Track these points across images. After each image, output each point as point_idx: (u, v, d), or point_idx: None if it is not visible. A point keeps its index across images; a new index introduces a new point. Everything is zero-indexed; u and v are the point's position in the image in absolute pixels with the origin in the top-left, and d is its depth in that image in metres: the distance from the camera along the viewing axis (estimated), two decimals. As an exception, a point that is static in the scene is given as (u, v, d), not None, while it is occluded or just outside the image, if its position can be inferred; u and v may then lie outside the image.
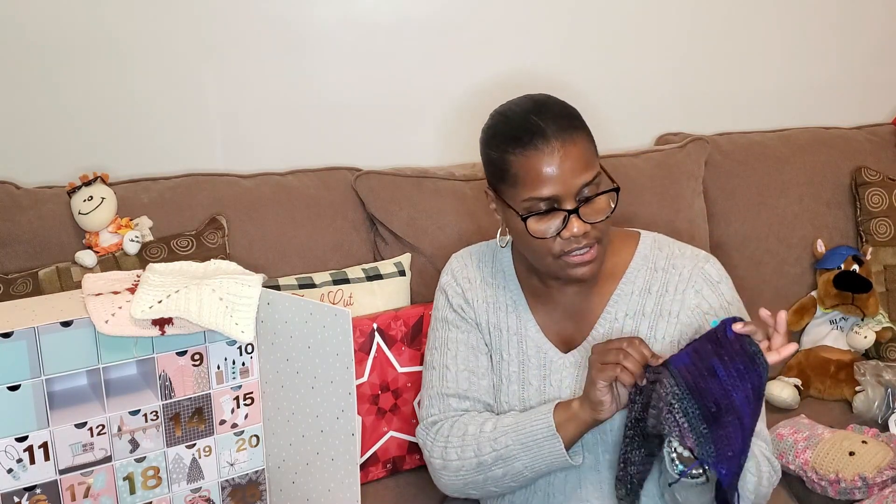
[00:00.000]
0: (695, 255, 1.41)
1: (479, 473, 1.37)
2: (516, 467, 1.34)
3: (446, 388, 1.44)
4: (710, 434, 1.14)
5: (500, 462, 1.34)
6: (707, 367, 1.16)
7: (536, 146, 1.26)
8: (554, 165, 1.25)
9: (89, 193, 1.78)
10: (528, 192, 1.27)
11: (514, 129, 1.29)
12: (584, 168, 1.27)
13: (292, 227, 1.93)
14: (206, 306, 1.40)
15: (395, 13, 2.14)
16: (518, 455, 1.33)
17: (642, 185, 2.09)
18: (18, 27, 1.89)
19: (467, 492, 1.42)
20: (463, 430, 1.39)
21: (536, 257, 1.34)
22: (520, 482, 1.37)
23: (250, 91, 2.07)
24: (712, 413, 1.14)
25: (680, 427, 1.15)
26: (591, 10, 2.28)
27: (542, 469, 1.33)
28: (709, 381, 1.15)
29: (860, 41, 2.57)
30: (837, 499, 1.74)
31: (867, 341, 2.13)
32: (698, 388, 1.15)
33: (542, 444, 1.31)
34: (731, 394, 1.14)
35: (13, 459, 1.34)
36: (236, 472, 1.53)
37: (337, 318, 1.38)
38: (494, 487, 1.38)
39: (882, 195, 2.24)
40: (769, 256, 2.21)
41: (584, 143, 1.28)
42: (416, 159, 2.17)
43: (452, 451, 1.39)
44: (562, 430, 1.29)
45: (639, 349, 1.21)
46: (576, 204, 1.27)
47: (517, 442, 1.33)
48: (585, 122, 1.32)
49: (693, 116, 2.41)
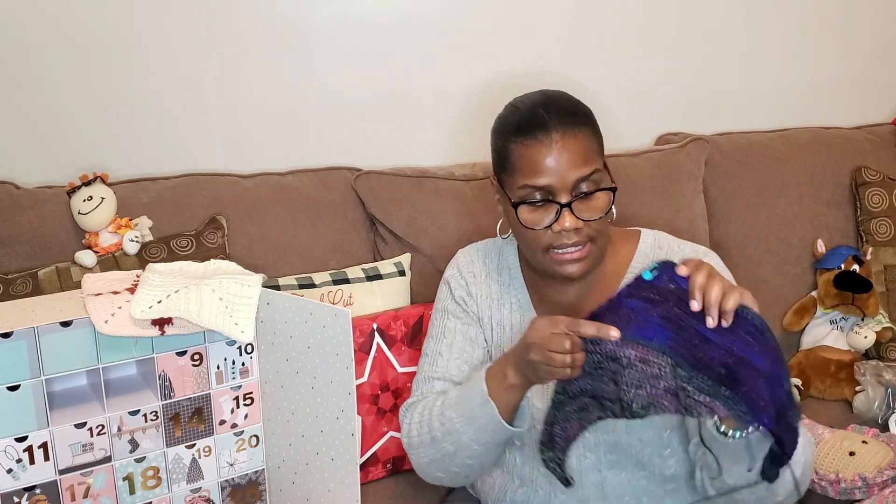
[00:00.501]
0: (694, 251, 1.42)
1: (437, 451, 1.35)
2: (463, 441, 1.31)
3: (435, 372, 1.44)
4: (734, 395, 1.11)
5: (448, 437, 1.33)
6: (696, 336, 1.12)
7: (536, 136, 1.28)
8: (551, 156, 1.27)
9: (89, 193, 1.78)
10: (524, 179, 1.29)
11: (519, 120, 1.32)
12: (581, 162, 1.27)
13: (292, 227, 1.93)
14: (205, 306, 1.40)
15: (395, 13, 2.14)
16: (461, 428, 1.31)
17: (642, 185, 2.09)
18: (18, 27, 1.89)
19: (434, 473, 1.40)
20: (429, 407, 1.38)
21: (528, 250, 1.35)
22: (476, 459, 1.34)
23: (250, 91, 2.07)
24: (724, 375, 1.11)
25: (705, 404, 1.12)
26: (591, 9, 2.29)
27: (488, 441, 1.30)
28: (704, 348, 1.12)
29: (860, 41, 2.57)
30: (837, 499, 1.74)
31: (867, 341, 2.13)
32: (700, 361, 1.12)
33: (478, 412, 1.28)
34: (731, 348, 1.11)
35: (13, 459, 1.34)
36: (236, 473, 1.53)
37: (337, 318, 1.38)
38: (455, 467, 1.36)
39: (882, 195, 2.24)
40: (769, 256, 2.21)
41: (585, 138, 1.29)
42: (416, 159, 2.17)
43: (414, 428, 1.39)
44: (497, 397, 1.27)
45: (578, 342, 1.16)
46: (570, 198, 1.28)
47: (459, 414, 1.31)
48: (594, 120, 1.33)
49: (693, 116, 2.41)
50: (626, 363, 1.15)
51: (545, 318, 1.20)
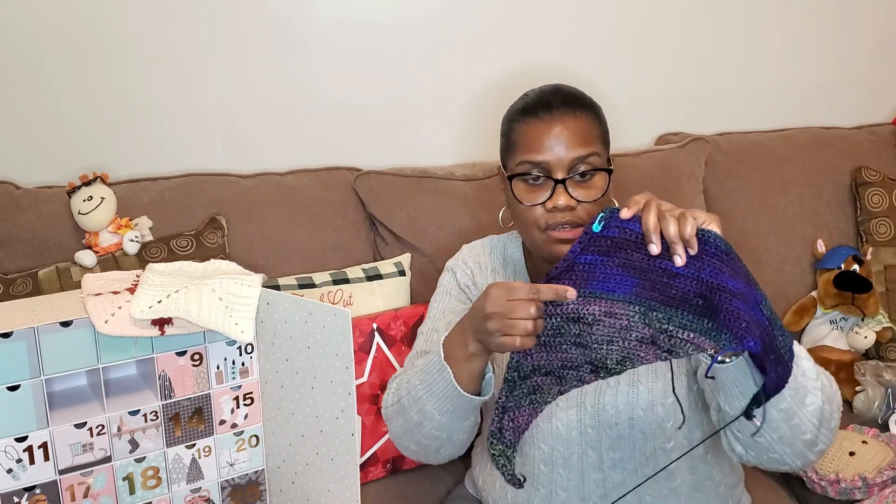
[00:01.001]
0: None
1: (406, 421, 1.33)
2: (427, 410, 1.29)
3: (428, 346, 1.44)
4: (715, 324, 1.06)
5: (414, 406, 1.30)
6: (663, 273, 1.08)
7: (539, 115, 1.33)
8: (549, 134, 1.31)
9: (89, 193, 1.78)
10: (523, 156, 1.33)
11: (526, 103, 1.37)
12: (579, 142, 1.31)
13: (292, 227, 1.93)
14: (205, 306, 1.40)
15: (395, 13, 2.14)
16: (425, 397, 1.28)
17: (642, 185, 2.09)
18: (18, 28, 1.89)
19: (407, 445, 1.37)
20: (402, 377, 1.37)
21: (524, 228, 1.36)
22: (443, 431, 1.30)
23: (250, 91, 2.07)
24: (702, 306, 1.07)
25: (689, 340, 1.08)
26: (591, 10, 2.29)
27: (449, 409, 1.27)
28: (675, 284, 1.07)
29: (860, 41, 2.57)
30: (837, 499, 1.74)
31: (867, 341, 2.13)
32: (674, 297, 1.08)
33: (437, 379, 1.26)
34: (701, 276, 1.06)
35: (13, 459, 1.34)
36: (236, 473, 1.53)
37: (337, 318, 1.38)
38: (424, 439, 1.33)
39: (882, 195, 2.24)
40: (769, 256, 2.22)
41: (586, 121, 1.34)
42: (416, 159, 2.17)
43: (390, 398, 1.38)
44: (455, 364, 1.24)
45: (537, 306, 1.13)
46: (566, 175, 1.30)
47: (422, 381, 1.29)
48: (599, 112, 1.38)
49: (693, 116, 2.41)
50: (591, 320, 1.11)
51: (500, 286, 1.16)
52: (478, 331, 1.19)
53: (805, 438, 1.17)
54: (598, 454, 1.37)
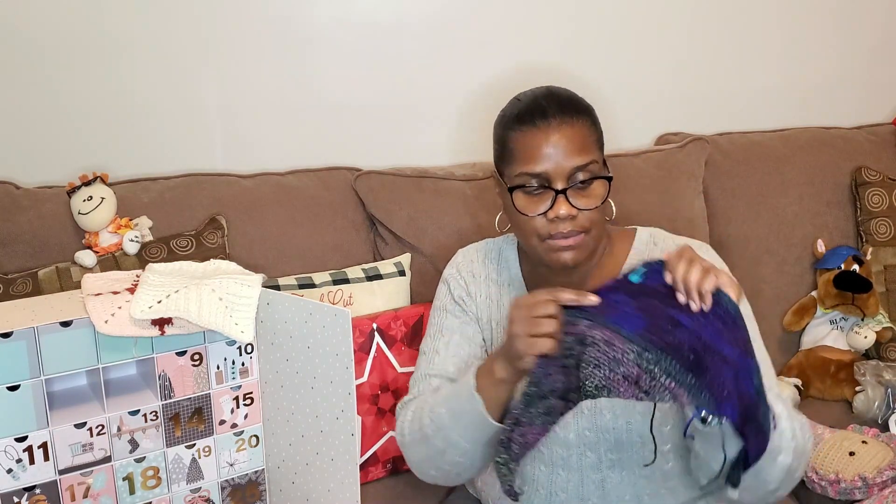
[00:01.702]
0: (688, 243, 1.41)
1: (428, 449, 1.34)
2: (453, 438, 1.30)
3: (431, 369, 1.44)
4: (698, 382, 1.10)
5: (438, 434, 1.31)
6: (668, 320, 1.11)
7: (535, 123, 1.30)
8: (548, 143, 1.29)
9: (89, 193, 1.78)
10: (521, 167, 1.31)
11: (520, 110, 1.34)
12: (578, 151, 1.29)
13: (292, 227, 1.93)
14: (205, 306, 1.40)
15: (395, 13, 2.14)
16: (450, 424, 1.30)
17: (642, 185, 2.09)
18: (18, 27, 1.89)
19: (427, 471, 1.39)
20: (420, 404, 1.37)
21: (523, 238, 1.36)
22: (466, 458, 1.32)
23: (250, 91, 2.07)
24: (692, 361, 1.10)
25: (668, 389, 1.11)
26: (591, 10, 2.29)
27: (476, 437, 1.28)
28: (675, 333, 1.11)
29: (860, 41, 2.57)
30: (837, 499, 1.74)
31: (867, 341, 2.13)
32: (669, 345, 1.11)
33: (465, 407, 1.27)
34: (701, 335, 1.10)
35: (13, 459, 1.34)
36: (236, 473, 1.53)
37: (337, 318, 1.38)
38: (446, 465, 1.34)
39: (882, 195, 2.24)
40: (769, 256, 2.21)
41: (583, 127, 1.31)
42: (416, 159, 2.17)
43: (407, 426, 1.38)
44: (485, 392, 1.25)
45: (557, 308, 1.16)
46: (566, 185, 1.29)
47: (448, 410, 1.30)
48: (595, 116, 1.35)
49: (693, 116, 2.41)
50: (591, 342, 1.14)
51: (524, 296, 1.21)
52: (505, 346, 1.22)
53: (769, 489, 1.22)
54: (597, 455, 1.37)
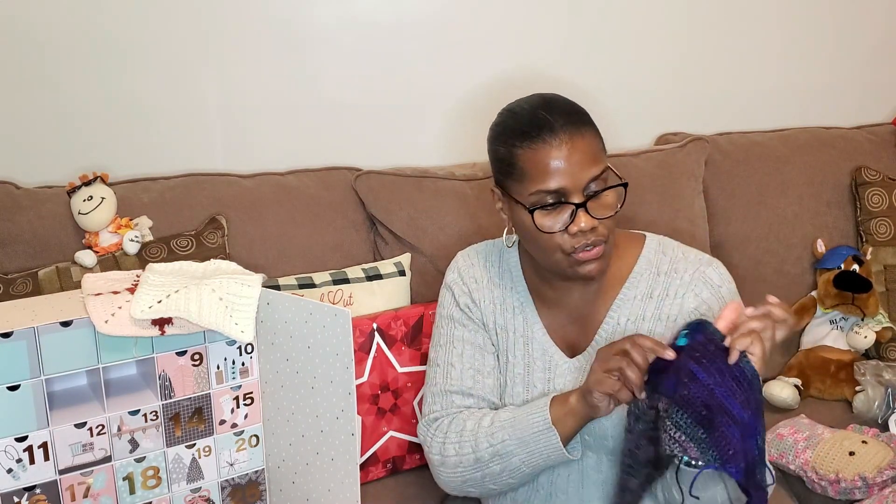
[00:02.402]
0: (698, 260, 1.40)
1: (477, 470, 1.36)
2: (513, 463, 1.33)
3: (450, 384, 1.44)
4: (708, 438, 1.12)
5: (497, 458, 1.34)
6: (686, 373, 1.14)
7: (544, 139, 1.27)
8: (561, 158, 1.26)
9: (89, 193, 1.78)
10: (536, 185, 1.28)
11: (522, 124, 1.30)
12: (591, 162, 1.27)
13: (292, 227, 1.93)
14: (205, 306, 1.40)
15: (395, 13, 2.14)
16: (515, 451, 1.32)
17: (642, 185, 2.09)
18: (18, 27, 1.89)
19: (466, 489, 1.41)
20: (461, 426, 1.38)
21: (544, 254, 1.33)
22: (518, 478, 1.36)
23: (250, 91, 2.07)
24: (704, 416, 1.12)
25: (679, 442, 1.13)
26: (591, 10, 2.29)
27: (539, 464, 1.32)
28: (690, 386, 1.13)
29: (860, 41, 2.57)
30: (837, 499, 1.74)
31: (867, 341, 2.13)
32: (684, 398, 1.13)
33: (539, 438, 1.30)
34: (714, 391, 1.12)
35: (13, 459, 1.34)
36: (236, 472, 1.53)
37: (337, 318, 1.37)
38: (493, 485, 1.38)
39: (882, 195, 2.24)
40: (769, 256, 2.22)
41: (591, 137, 1.29)
42: (416, 159, 2.17)
43: (450, 447, 1.38)
44: (558, 425, 1.28)
45: (642, 352, 1.18)
46: (583, 198, 1.27)
47: (514, 437, 1.32)
48: (593, 120, 1.33)
49: (693, 116, 2.41)
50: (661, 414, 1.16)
51: (596, 362, 1.23)
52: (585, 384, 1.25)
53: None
54: (598, 456, 1.38)
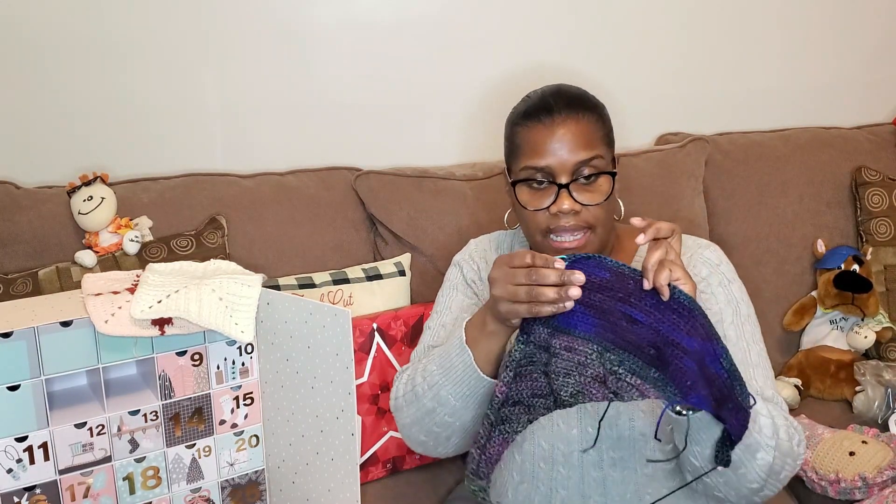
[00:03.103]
0: (696, 244, 1.43)
1: (418, 409, 1.33)
2: (442, 395, 1.30)
3: (435, 340, 1.44)
4: (662, 376, 1.11)
5: (429, 392, 1.31)
6: (623, 317, 1.12)
7: (541, 119, 1.32)
8: (552, 138, 1.30)
9: (89, 193, 1.78)
10: (526, 160, 1.32)
11: (528, 106, 1.35)
12: (582, 146, 1.30)
13: (292, 227, 1.93)
14: (205, 306, 1.40)
15: (395, 13, 2.14)
16: (441, 381, 1.29)
17: (642, 185, 2.09)
18: (18, 27, 1.89)
19: (416, 436, 1.38)
20: (415, 366, 1.38)
21: (528, 233, 1.37)
22: (456, 417, 1.31)
23: (250, 91, 2.07)
24: (653, 356, 1.11)
25: (635, 386, 1.12)
26: (591, 10, 2.29)
27: (465, 394, 1.28)
28: (633, 329, 1.12)
29: (860, 41, 2.57)
30: (837, 499, 1.74)
31: (867, 341, 2.13)
32: (630, 343, 1.12)
33: (456, 362, 1.27)
34: (658, 328, 1.10)
35: (13, 459, 1.34)
36: (236, 472, 1.53)
37: (337, 318, 1.38)
38: (436, 427, 1.34)
39: (882, 195, 2.24)
40: (769, 256, 2.22)
41: (589, 122, 1.32)
42: (416, 159, 2.17)
43: (401, 388, 1.38)
44: (472, 344, 1.26)
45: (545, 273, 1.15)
46: (570, 180, 1.30)
47: (439, 366, 1.30)
48: (603, 112, 1.36)
49: (693, 116, 2.41)
50: (555, 352, 1.16)
51: (502, 256, 1.20)
52: (490, 303, 1.22)
53: (751, 487, 1.24)
54: (599, 453, 1.37)
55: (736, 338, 1.35)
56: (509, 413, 1.21)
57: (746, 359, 1.34)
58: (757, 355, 1.36)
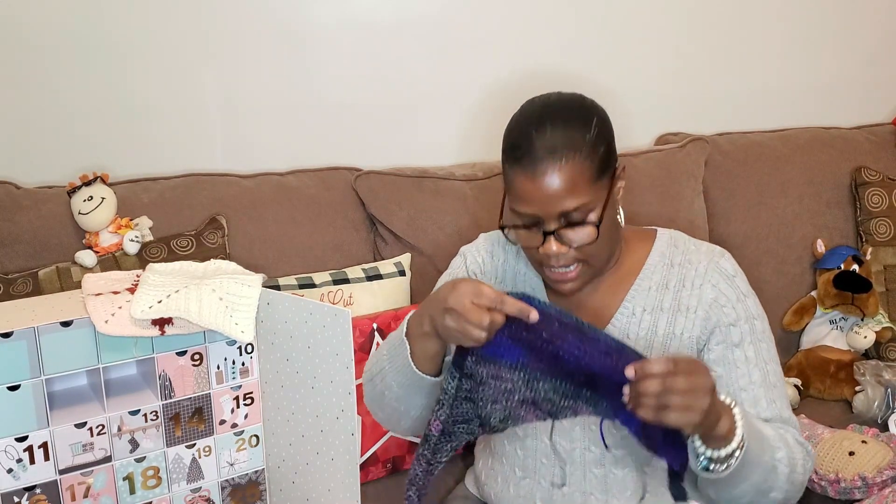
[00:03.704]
0: (710, 251, 1.41)
1: (372, 389, 1.36)
2: (388, 380, 1.31)
3: None
4: (595, 394, 1.17)
5: (378, 375, 1.33)
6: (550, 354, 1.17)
7: (523, 164, 1.23)
8: (535, 188, 1.23)
9: (89, 193, 1.78)
10: (513, 202, 1.28)
11: (515, 137, 1.27)
12: (567, 194, 1.23)
13: (292, 227, 1.93)
14: (205, 306, 1.40)
15: (395, 13, 2.14)
16: (387, 367, 1.31)
17: (642, 185, 2.09)
18: (18, 27, 1.89)
19: (376, 412, 1.40)
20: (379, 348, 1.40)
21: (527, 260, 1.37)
22: (401, 403, 1.32)
23: (250, 91, 2.07)
24: (584, 381, 1.17)
25: (570, 407, 1.19)
26: (591, 10, 2.29)
27: (405, 382, 1.28)
28: (561, 363, 1.16)
29: (860, 41, 2.57)
30: (837, 499, 1.74)
31: (867, 341, 2.13)
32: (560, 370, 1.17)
33: (397, 352, 1.28)
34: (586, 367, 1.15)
35: (13, 459, 1.34)
36: (236, 472, 1.53)
37: (337, 317, 1.38)
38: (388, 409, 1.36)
39: (882, 195, 2.24)
40: (769, 256, 2.22)
41: (574, 166, 1.22)
42: (416, 159, 2.17)
43: (366, 366, 1.40)
44: (412, 339, 1.26)
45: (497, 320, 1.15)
46: (557, 225, 1.25)
47: (388, 353, 1.31)
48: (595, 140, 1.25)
49: (693, 116, 2.41)
50: (481, 380, 1.20)
51: (470, 283, 1.16)
52: (435, 317, 1.20)
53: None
54: (601, 450, 1.38)
55: (755, 358, 1.34)
56: (439, 443, 1.25)
57: (766, 380, 1.34)
58: (774, 374, 1.36)
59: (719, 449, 1.17)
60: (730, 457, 1.17)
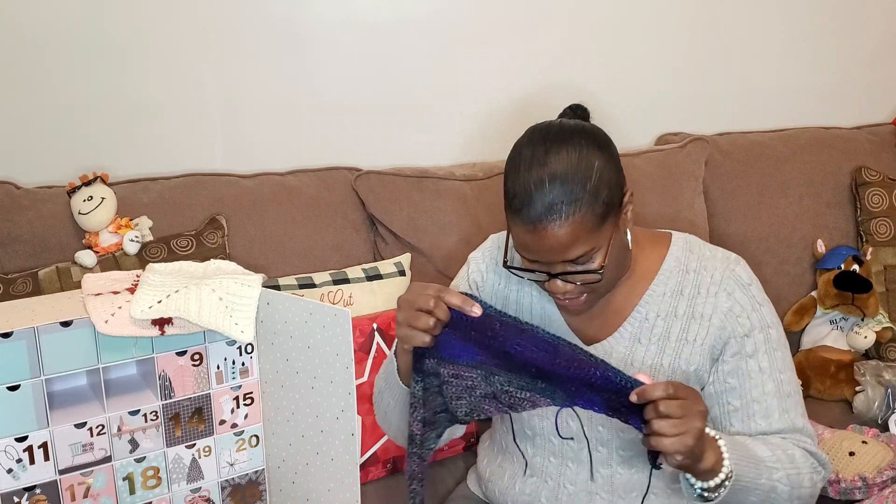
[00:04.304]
0: (725, 258, 1.40)
1: (377, 409, 1.46)
2: (385, 399, 1.41)
3: None
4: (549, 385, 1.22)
5: (379, 396, 1.43)
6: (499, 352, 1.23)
7: (522, 216, 1.22)
8: (536, 241, 1.22)
9: (89, 193, 1.78)
10: (517, 247, 1.28)
11: (513, 186, 1.24)
12: (570, 245, 1.22)
13: (292, 227, 1.93)
14: (205, 306, 1.40)
15: (395, 13, 2.14)
16: (383, 387, 1.41)
17: (642, 185, 2.09)
18: (18, 27, 1.89)
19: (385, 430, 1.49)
20: None
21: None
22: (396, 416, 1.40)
23: (250, 91, 2.07)
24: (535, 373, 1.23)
25: (526, 399, 1.24)
26: (591, 10, 2.29)
27: (399, 398, 1.37)
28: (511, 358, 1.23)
29: (860, 41, 2.57)
30: (837, 499, 1.74)
31: (867, 341, 2.13)
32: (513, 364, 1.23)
33: (389, 369, 1.37)
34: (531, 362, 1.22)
35: (13, 459, 1.34)
36: (236, 472, 1.53)
37: (337, 318, 1.38)
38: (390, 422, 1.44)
39: (882, 195, 2.24)
40: (769, 256, 2.22)
41: (575, 221, 1.20)
42: (416, 159, 2.17)
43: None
44: (398, 356, 1.33)
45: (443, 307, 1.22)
46: (562, 269, 1.25)
47: (383, 372, 1.41)
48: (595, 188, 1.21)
49: (693, 116, 2.41)
50: (444, 380, 1.28)
51: (418, 283, 1.26)
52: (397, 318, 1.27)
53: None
54: (609, 451, 1.38)
55: (769, 368, 1.34)
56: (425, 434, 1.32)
57: (779, 390, 1.34)
58: (788, 383, 1.35)
59: (708, 481, 1.19)
60: (719, 486, 1.19)
